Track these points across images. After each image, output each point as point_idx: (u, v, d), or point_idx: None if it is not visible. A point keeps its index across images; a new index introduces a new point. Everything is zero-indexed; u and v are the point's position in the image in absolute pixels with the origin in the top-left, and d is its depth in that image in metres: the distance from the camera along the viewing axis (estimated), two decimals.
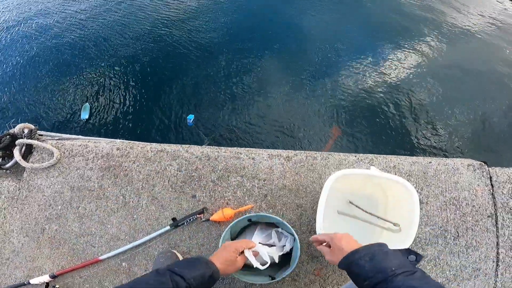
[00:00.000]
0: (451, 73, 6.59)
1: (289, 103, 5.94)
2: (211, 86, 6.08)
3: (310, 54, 6.73)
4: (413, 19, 7.79)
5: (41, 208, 1.69)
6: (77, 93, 6.04)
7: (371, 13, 7.93)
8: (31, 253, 1.67)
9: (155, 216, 1.64)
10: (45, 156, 1.75)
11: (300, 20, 7.56)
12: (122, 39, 6.98)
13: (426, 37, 7.27)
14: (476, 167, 1.65)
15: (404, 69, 6.59)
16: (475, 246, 1.54)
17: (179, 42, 6.92)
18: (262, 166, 1.66)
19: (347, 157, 1.67)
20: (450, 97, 6.11)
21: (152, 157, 1.71)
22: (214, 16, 7.59)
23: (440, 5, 8.36)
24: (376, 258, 1.00)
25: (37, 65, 6.59)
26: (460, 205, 1.59)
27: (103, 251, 1.63)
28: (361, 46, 7.00)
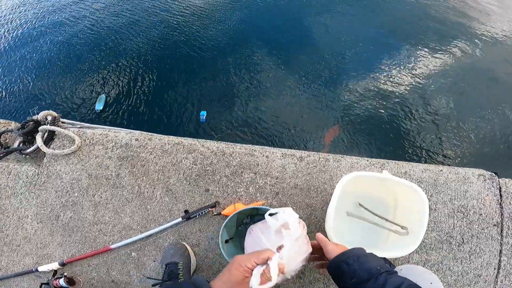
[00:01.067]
0: (469, 82, 6.57)
1: (301, 105, 5.97)
2: (225, 85, 6.16)
3: (324, 57, 6.79)
4: (434, 24, 7.77)
5: (58, 195, 1.73)
6: (94, 84, 6.17)
7: (390, 17, 7.95)
8: (43, 240, 1.70)
9: (168, 207, 1.67)
10: (66, 143, 1.79)
11: (316, 23, 7.62)
12: (139, 36, 7.12)
13: (445, 44, 7.26)
14: (486, 177, 1.67)
15: (421, 75, 6.60)
16: (478, 253, 1.57)
17: (196, 39, 7.02)
18: (275, 165, 1.69)
19: (359, 160, 1.70)
20: (466, 105, 6.11)
21: (169, 149, 1.75)
22: (231, 15, 7.69)
23: (465, 9, 8.31)
24: (362, 259, 1.06)
25: (58, 58, 6.75)
26: (468, 213, 1.60)
27: (115, 240, 1.66)
28: (377, 51, 7.05)
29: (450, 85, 6.70)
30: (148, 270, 1.64)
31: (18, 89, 6.34)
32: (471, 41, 7.74)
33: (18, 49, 7.12)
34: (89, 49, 6.96)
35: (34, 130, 1.79)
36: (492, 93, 6.62)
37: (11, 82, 6.44)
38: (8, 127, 1.94)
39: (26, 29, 7.65)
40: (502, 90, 6.66)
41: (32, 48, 7.09)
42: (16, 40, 7.36)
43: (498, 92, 6.61)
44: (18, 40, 7.34)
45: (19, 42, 7.29)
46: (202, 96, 6.04)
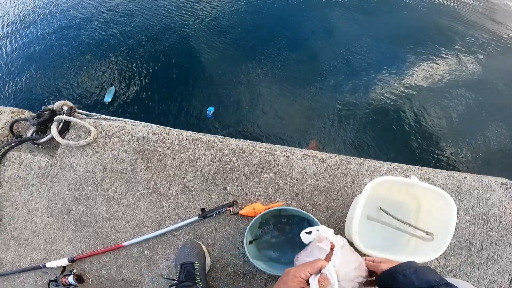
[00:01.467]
0: (489, 88, 6.60)
1: (309, 106, 5.97)
2: (234, 82, 6.15)
3: (333, 59, 6.82)
4: (444, 29, 7.84)
5: (71, 188, 1.68)
6: (104, 77, 6.17)
7: (400, 21, 8.02)
8: (53, 234, 1.65)
9: (184, 205, 1.63)
10: (82, 134, 1.75)
11: (326, 25, 7.67)
12: (151, 30, 7.13)
13: (459, 48, 7.30)
14: (509, 185, 1.66)
15: (437, 79, 6.62)
16: (495, 259, 1.57)
17: (207, 34, 7.04)
18: (296, 165, 1.66)
19: (382, 165, 1.67)
20: (483, 113, 6.14)
21: (186, 145, 1.71)
22: (241, 13, 7.74)
23: (470, 15, 8.41)
24: (419, 271, 1.05)
25: (68, 48, 6.76)
26: (489, 220, 1.60)
27: (127, 237, 1.62)
28: (388, 54, 7.09)
29: (471, 90, 6.72)
30: (160, 269, 1.59)
31: (30, 80, 6.34)
32: (491, 44, 7.79)
33: (37, 42, 7.14)
34: (101, 41, 6.98)
35: (49, 120, 1.75)
36: None
37: (21, 74, 6.44)
38: (21, 116, 1.89)
39: (43, 22, 7.66)
40: None
41: (49, 41, 7.11)
42: (33, 33, 7.38)
43: None
44: (36, 33, 7.35)
45: (37, 35, 7.31)
46: (211, 92, 6.04)
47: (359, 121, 5.82)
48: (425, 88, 6.45)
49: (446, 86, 6.54)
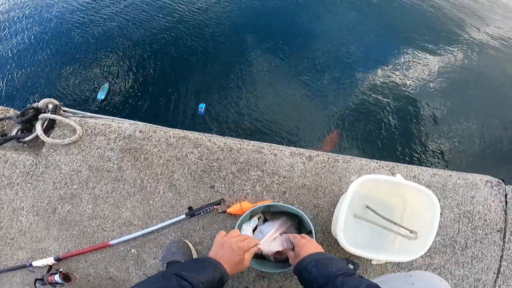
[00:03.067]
0: (476, 85, 6.71)
1: (299, 103, 6.02)
2: (224, 79, 6.19)
3: (324, 56, 6.88)
4: (438, 26, 7.95)
5: (56, 186, 1.67)
6: (96, 74, 6.14)
7: (393, 18, 8.11)
8: (39, 233, 1.65)
9: (171, 203, 1.63)
10: (67, 133, 1.74)
11: (316, 21, 7.74)
12: (142, 27, 7.12)
13: (448, 46, 7.42)
14: (494, 183, 1.69)
15: (424, 78, 6.71)
16: (480, 257, 1.59)
17: (198, 33, 7.04)
18: (283, 163, 1.67)
19: (369, 162, 1.69)
20: (468, 110, 6.26)
21: (174, 143, 1.71)
22: (232, 11, 7.75)
23: (462, 13, 8.55)
24: (320, 264, 1.10)
25: (60, 46, 6.70)
26: (473, 218, 1.62)
27: (114, 235, 1.62)
28: (380, 53, 7.17)
29: (457, 89, 6.84)
30: (148, 267, 1.60)
31: (17, 76, 6.26)
32: (479, 44, 7.92)
33: (20, 35, 7.05)
34: (92, 38, 6.93)
35: (33, 118, 1.74)
36: (500, 99, 6.77)
37: (10, 70, 6.36)
38: (6, 114, 1.88)
39: (28, 16, 7.59)
40: None
41: (34, 35, 7.03)
42: (17, 27, 7.30)
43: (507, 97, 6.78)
44: (19, 27, 7.26)
45: (20, 29, 7.22)
46: (202, 88, 6.06)
47: (346, 120, 5.88)
48: (411, 87, 6.53)
49: (431, 85, 6.63)
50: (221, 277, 1.10)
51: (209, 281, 1.04)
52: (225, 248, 1.23)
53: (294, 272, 1.20)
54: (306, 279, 1.12)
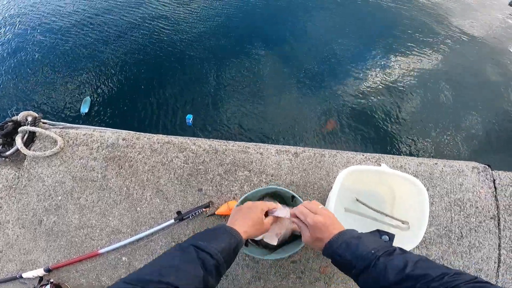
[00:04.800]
0: (456, 78, 6.97)
1: (289, 105, 6.11)
2: (210, 87, 6.22)
3: (310, 57, 7.01)
4: (417, 24, 8.25)
5: (40, 199, 1.68)
6: (78, 86, 6.10)
7: (375, 18, 8.36)
8: (26, 245, 1.65)
9: (159, 209, 1.64)
10: (48, 145, 1.75)
11: (302, 24, 7.87)
12: (125, 36, 7.10)
13: (429, 42, 7.71)
14: (480, 169, 1.72)
15: (408, 73, 6.93)
16: (477, 247, 1.60)
17: (182, 41, 7.07)
18: (270, 161, 1.70)
19: (355, 155, 1.72)
20: (454, 101, 6.47)
21: (158, 148, 1.73)
22: (216, 18, 7.82)
23: (443, 10, 8.89)
24: (352, 245, 1.00)
25: (40, 57, 6.65)
26: (464, 206, 1.65)
27: (103, 244, 1.63)
28: (357, 52, 7.34)
29: (439, 81, 7.08)
30: None
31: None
32: (458, 38, 8.24)
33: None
34: (72, 48, 6.88)
35: (13, 131, 1.74)
36: (476, 90, 7.02)
37: None
38: None
39: (6, 27, 7.52)
40: (487, 86, 7.11)
41: (13, 46, 6.98)
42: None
43: (483, 88, 7.04)
44: None
45: None
46: (188, 98, 6.09)
47: (332, 115, 5.98)
48: (393, 81, 6.71)
49: (412, 79, 6.84)
50: (237, 245, 1.08)
51: (225, 250, 1.02)
52: (242, 210, 1.25)
53: (324, 254, 1.09)
54: (341, 264, 1.02)
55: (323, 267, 1.55)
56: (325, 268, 1.54)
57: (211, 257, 0.96)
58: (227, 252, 1.03)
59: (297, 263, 1.55)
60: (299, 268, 1.54)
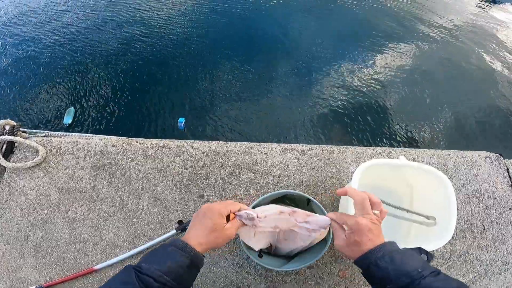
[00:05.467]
0: (440, 74, 7.32)
1: (278, 107, 6.15)
2: (201, 91, 6.19)
3: (299, 59, 7.19)
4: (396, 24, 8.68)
5: (24, 213, 1.53)
6: (61, 96, 5.91)
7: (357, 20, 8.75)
8: (14, 262, 1.49)
9: (158, 219, 1.52)
10: (29, 155, 1.61)
11: (286, 28, 8.06)
12: (111, 44, 6.98)
13: (414, 39, 8.10)
14: (493, 159, 1.67)
15: (391, 70, 7.21)
16: (501, 239, 1.54)
17: (166, 47, 7.03)
18: (276, 161, 1.60)
19: (365, 150, 1.65)
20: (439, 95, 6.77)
21: (153, 153, 1.61)
22: (204, 24, 7.86)
23: (414, 10, 9.42)
24: (396, 259, 0.92)
25: (20, 67, 6.44)
26: (483, 197, 1.59)
27: (99, 259, 1.48)
28: (346, 50, 7.59)
29: (427, 76, 7.43)
30: None
31: None
32: (440, 34, 8.76)
33: None
34: (55, 55, 6.71)
35: None
36: (463, 82, 7.39)
37: None
38: None
39: None
40: (471, 78, 7.50)
41: None
42: None
43: (469, 80, 7.40)
44: None
45: None
46: (179, 102, 6.04)
47: (333, 112, 6.09)
48: (390, 77, 6.95)
49: (406, 73, 7.09)
50: (191, 261, 0.97)
51: (173, 271, 0.92)
52: (199, 216, 1.10)
53: (356, 263, 1.01)
54: (375, 276, 0.94)
55: (342, 270, 1.45)
56: (345, 271, 1.45)
57: (154, 281, 0.88)
58: (177, 272, 0.93)
59: (314, 269, 1.45)
60: (316, 273, 1.44)
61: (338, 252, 1.48)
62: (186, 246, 0.98)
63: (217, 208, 1.08)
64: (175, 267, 0.93)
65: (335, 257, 1.47)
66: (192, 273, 0.99)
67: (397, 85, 7.11)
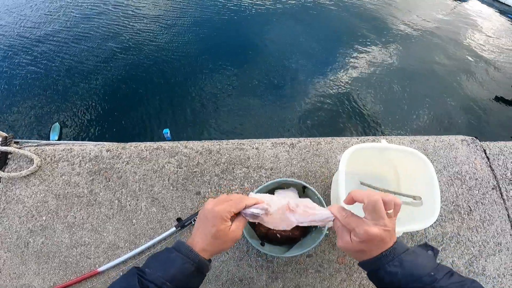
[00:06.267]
0: (415, 69, 7.77)
1: (263, 111, 6.26)
2: (185, 101, 6.22)
3: (276, 68, 7.34)
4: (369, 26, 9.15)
5: (23, 220, 1.57)
6: (46, 112, 5.83)
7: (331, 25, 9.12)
8: (16, 269, 1.52)
9: (157, 218, 1.58)
10: (23, 164, 1.65)
11: (265, 38, 8.24)
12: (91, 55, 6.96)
13: (391, 38, 8.56)
14: (469, 141, 1.81)
15: (370, 69, 7.56)
16: (489, 220, 1.65)
17: (150, 59, 7.04)
18: (267, 155, 1.69)
19: (350, 139, 1.76)
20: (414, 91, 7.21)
21: (147, 156, 1.68)
22: (186, 35, 7.93)
23: (389, 11, 9.96)
24: (406, 262, 0.88)
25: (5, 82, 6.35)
26: (464, 179, 1.71)
27: (101, 262, 1.53)
28: (329, 53, 7.86)
29: (404, 71, 7.85)
30: None
31: None
32: (413, 34, 9.32)
33: None
34: (38, 69, 6.62)
35: None
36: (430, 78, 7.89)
37: None
38: None
39: None
40: (444, 71, 8.00)
41: None
42: None
43: (442, 73, 7.89)
44: None
45: None
46: (163, 113, 6.05)
47: (318, 110, 6.30)
48: (370, 75, 7.32)
49: (385, 70, 7.46)
50: (197, 268, 0.96)
51: (177, 278, 0.91)
52: (201, 219, 1.04)
53: (361, 266, 0.97)
54: (385, 280, 0.89)
55: (341, 257, 1.54)
56: (343, 258, 1.53)
57: (156, 286, 0.88)
58: (182, 279, 0.92)
59: (313, 257, 1.53)
60: (316, 261, 1.52)
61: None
62: (190, 251, 0.97)
63: (219, 212, 0.99)
64: (178, 274, 0.92)
65: (331, 244, 1.56)
66: (197, 279, 0.99)
67: (377, 81, 7.53)
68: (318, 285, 1.49)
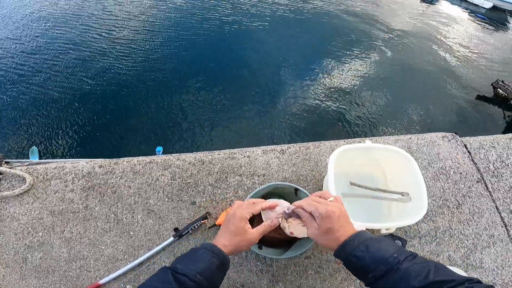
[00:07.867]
0: (394, 73, 8.17)
1: (252, 128, 6.41)
2: (175, 118, 6.27)
3: (263, 80, 7.58)
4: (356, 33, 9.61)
5: (19, 237, 1.63)
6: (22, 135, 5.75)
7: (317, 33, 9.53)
8: (16, 285, 1.57)
9: (154, 229, 1.66)
10: (16, 183, 1.71)
11: (251, 50, 8.48)
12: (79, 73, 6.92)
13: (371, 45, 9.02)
14: (450, 138, 1.97)
15: (354, 75, 7.89)
16: (478, 212, 1.78)
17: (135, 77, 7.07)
18: (259, 162, 1.80)
19: (338, 142, 1.89)
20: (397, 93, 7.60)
21: (141, 170, 1.76)
22: (171, 51, 8.04)
23: (369, 18, 10.53)
24: (371, 247, 0.98)
25: None
26: (449, 173, 1.86)
27: (102, 274, 1.59)
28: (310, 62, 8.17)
29: (384, 76, 8.30)
30: None
31: None
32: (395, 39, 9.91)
33: None
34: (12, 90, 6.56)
35: None
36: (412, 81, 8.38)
37: None
38: None
39: None
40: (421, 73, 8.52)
41: None
42: None
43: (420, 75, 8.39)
44: None
45: None
46: (154, 131, 6.08)
47: (306, 116, 6.51)
48: (354, 81, 7.66)
49: (367, 76, 7.83)
50: (221, 262, 1.08)
51: (206, 271, 1.03)
52: (225, 222, 1.24)
53: (335, 255, 1.07)
54: (356, 267, 1.00)
55: None
56: None
57: (189, 280, 0.98)
58: (210, 272, 1.04)
59: (311, 258, 1.63)
60: (315, 262, 1.61)
61: None
62: (214, 247, 1.11)
63: (238, 213, 1.20)
64: (207, 267, 1.03)
65: None
66: (221, 273, 1.10)
67: (359, 88, 7.88)
68: (319, 286, 1.58)
